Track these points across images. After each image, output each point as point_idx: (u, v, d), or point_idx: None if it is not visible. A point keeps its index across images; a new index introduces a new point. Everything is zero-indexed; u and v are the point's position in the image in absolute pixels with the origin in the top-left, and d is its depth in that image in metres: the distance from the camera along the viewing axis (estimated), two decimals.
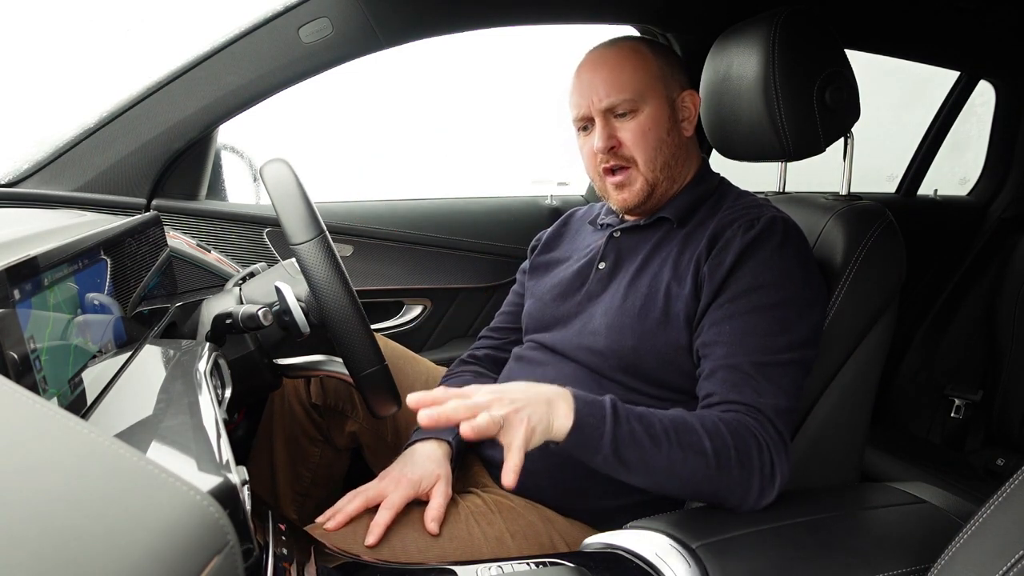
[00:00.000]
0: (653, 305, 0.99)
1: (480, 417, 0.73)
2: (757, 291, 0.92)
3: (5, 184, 1.26)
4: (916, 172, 2.25)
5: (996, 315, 2.08)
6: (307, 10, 1.30)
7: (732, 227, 0.97)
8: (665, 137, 1.03)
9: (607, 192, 1.08)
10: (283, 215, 0.89)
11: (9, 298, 0.51)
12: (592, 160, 1.06)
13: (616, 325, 1.01)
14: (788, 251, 0.95)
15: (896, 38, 1.85)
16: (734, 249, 0.94)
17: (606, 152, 1.02)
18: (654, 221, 1.08)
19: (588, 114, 1.03)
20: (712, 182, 1.10)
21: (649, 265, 1.04)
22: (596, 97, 1.01)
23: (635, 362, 0.99)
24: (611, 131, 1.02)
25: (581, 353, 1.05)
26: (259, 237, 1.47)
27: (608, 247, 1.10)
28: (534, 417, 0.77)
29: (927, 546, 0.78)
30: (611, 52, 1.04)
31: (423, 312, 1.64)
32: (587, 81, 1.03)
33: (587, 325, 1.05)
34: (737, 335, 0.91)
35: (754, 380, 0.88)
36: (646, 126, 1.02)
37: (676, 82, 1.06)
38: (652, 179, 1.04)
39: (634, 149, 1.02)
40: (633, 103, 1.01)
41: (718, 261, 0.95)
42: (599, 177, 1.07)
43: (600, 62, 1.03)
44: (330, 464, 1.27)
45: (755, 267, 0.93)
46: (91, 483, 0.33)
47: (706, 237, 0.99)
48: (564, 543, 1.00)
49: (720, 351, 0.91)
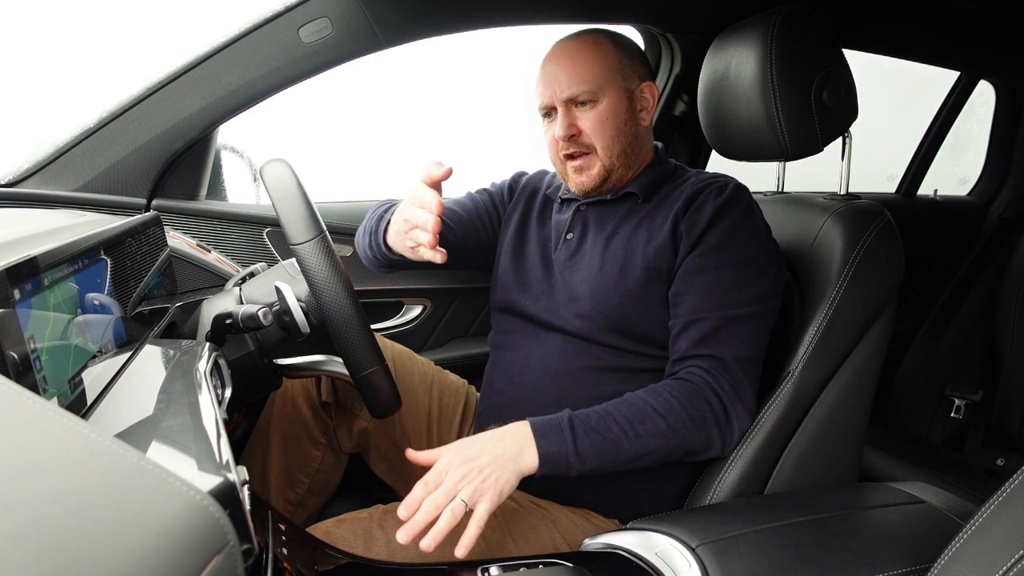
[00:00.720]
0: (632, 265, 1.06)
1: (442, 523, 0.80)
2: (726, 248, 1.02)
3: (5, 184, 1.26)
4: (916, 172, 2.25)
5: (996, 315, 2.08)
6: (307, 10, 1.30)
7: (705, 192, 1.06)
8: (623, 127, 1.09)
9: (567, 176, 1.14)
10: (283, 215, 0.89)
11: (9, 298, 0.51)
12: (554, 146, 1.12)
13: (599, 288, 1.08)
14: (752, 215, 1.05)
15: (896, 38, 1.85)
16: (708, 210, 1.03)
17: (567, 140, 1.09)
18: (620, 196, 1.14)
19: (551, 103, 1.09)
20: (669, 164, 1.18)
21: (619, 232, 1.11)
22: (559, 88, 1.07)
23: (621, 320, 1.06)
24: (572, 120, 1.08)
25: (568, 321, 1.10)
26: (259, 237, 1.47)
27: (575, 219, 1.17)
28: (501, 479, 0.85)
29: (927, 546, 0.78)
30: (574, 45, 1.10)
31: (423, 312, 1.64)
32: (551, 72, 1.09)
33: (571, 291, 1.11)
34: (704, 287, 1.01)
35: (719, 333, 0.99)
36: (604, 115, 1.08)
37: (635, 74, 1.12)
38: (609, 165, 1.10)
39: (593, 137, 1.08)
40: (592, 94, 1.07)
41: (694, 220, 1.04)
42: (560, 162, 1.14)
43: (563, 54, 1.09)
44: (329, 470, 1.25)
45: (725, 227, 1.02)
46: (91, 483, 0.33)
47: (681, 200, 1.07)
48: (565, 543, 1.00)
49: (689, 302, 1.02)
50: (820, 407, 1.06)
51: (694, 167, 1.26)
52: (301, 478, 1.22)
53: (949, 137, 2.23)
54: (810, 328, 1.05)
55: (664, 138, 1.80)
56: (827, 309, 1.04)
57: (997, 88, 2.24)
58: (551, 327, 1.12)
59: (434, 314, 1.65)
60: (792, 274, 1.12)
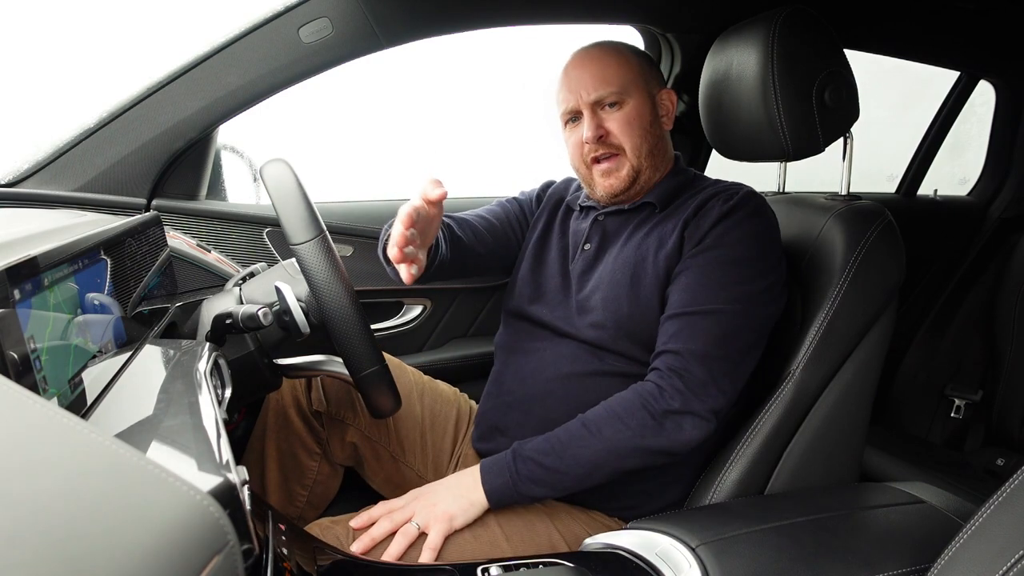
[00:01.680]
0: (643, 273, 1.06)
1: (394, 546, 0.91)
2: (719, 248, 1.02)
3: (5, 184, 1.26)
4: (916, 172, 2.25)
5: (996, 315, 2.08)
6: (307, 10, 1.30)
7: (715, 198, 1.07)
8: (648, 127, 1.11)
9: (593, 181, 1.14)
10: (283, 215, 0.89)
11: (9, 298, 0.51)
12: (579, 150, 1.12)
13: (612, 297, 1.07)
14: (757, 220, 1.04)
15: (896, 38, 1.85)
16: (713, 215, 1.04)
17: (595, 141, 1.09)
18: (638, 206, 1.14)
19: (576, 107, 1.10)
20: (688, 174, 1.18)
21: (631, 240, 1.11)
22: (584, 91, 1.09)
23: (633, 328, 1.05)
24: (599, 121, 1.09)
25: (582, 329, 1.10)
26: (259, 237, 1.47)
27: (593, 229, 1.17)
28: (453, 506, 0.95)
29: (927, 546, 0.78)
30: (596, 51, 1.12)
31: (423, 312, 1.64)
32: (575, 77, 1.10)
33: (584, 302, 1.11)
34: (688, 284, 1.01)
35: (688, 328, 0.98)
36: (631, 116, 1.09)
37: (655, 80, 1.14)
38: (637, 165, 1.11)
39: (621, 137, 1.09)
40: (619, 95, 1.08)
41: (698, 224, 1.05)
42: (585, 167, 1.13)
43: (587, 59, 1.11)
44: (326, 480, 1.22)
45: (726, 228, 1.02)
46: (91, 483, 0.33)
47: (692, 207, 1.07)
48: (564, 543, 1.00)
49: (676, 296, 1.02)
50: (821, 407, 1.06)
51: (694, 167, 1.27)
52: (300, 491, 1.19)
53: (949, 137, 2.23)
54: (811, 328, 1.05)
55: None
56: (828, 309, 1.04)
57: (997, 88, 2.23)
58: (565, 335, 1.12)
59: (434, 314, 1.65)
60: (793, 274, 1.12)
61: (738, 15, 1.21)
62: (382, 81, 2.12)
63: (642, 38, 1.73)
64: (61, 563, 0.28)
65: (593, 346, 1.08)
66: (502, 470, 0.98)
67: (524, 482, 0.97)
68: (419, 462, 1.21)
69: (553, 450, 0.97)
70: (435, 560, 0.90)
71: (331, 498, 1.25)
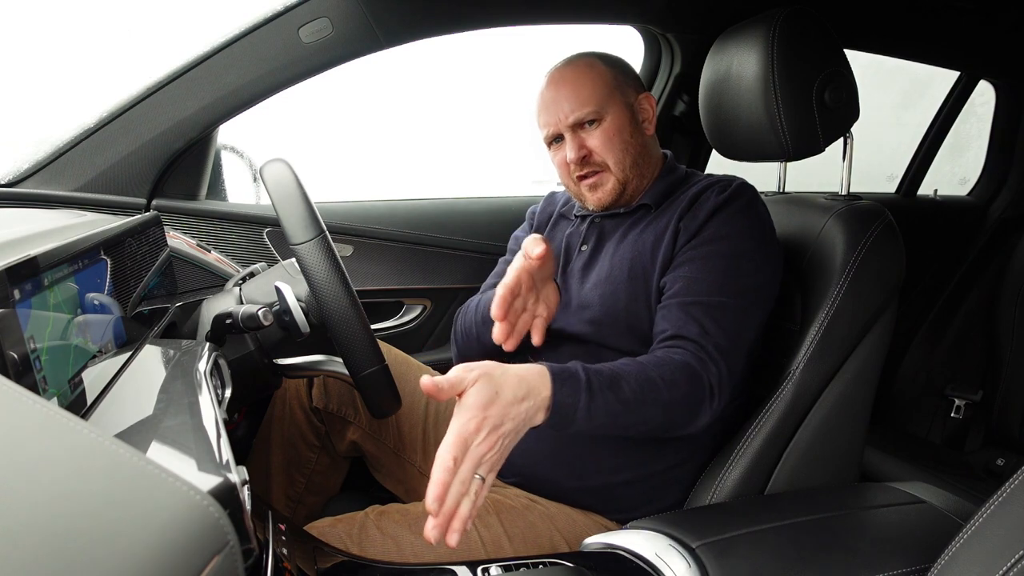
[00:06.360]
0: (640, 266, 1.07)
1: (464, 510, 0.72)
2: (720, 240, 1.02)
3: (5, 184, 1.26)
4: (916, 172, 2.25)
5: (996, 315, 2.08)
6: (307, 10, 1.30)
7: (708, 190, 1.07)
8: (629, 139, 1.11)
9: (582, 195, 1.15)
10: (283, 215, 0.89)
11: (9, 298, 0.51)
12: (565, 169, 1.13)
13: (608, 292, 1.08)
14: (753, 212, 1.05)
15: (896, 38, 1.85)
16: (708, 206, 1.04)
17: (579, 162, 1.09)
18: (633, 209, 1.14)
19: (557, 131, 1.11)
20: (680, 171, 1.18)
21: (628, 237, 1.11)
22: (562, 114, 1.09)
23: (631, 321, 1.06)
24: (580, 142, 1.09)
25: (579, 328, 1.09)
26: (259, 237, 1.47)
27: (590, 231, 1.17)
28: (511, 447, 0.78)
29: (927, 546, 0.78)
30: (568, 70, 1.11)
31: (423, 312, 1.64)
32: (551, 100, 1.10)
33: (581, 300, 1.11)
34: (694, 275, 1.01)
35: (704, 319, 0.97)
36: (611, 132, 1.09)
37: (631, 88, 1.13)
38: (623, 178, 1.11)
39: (604, 154, 1.09)
40: (597, 113, 1.08)
41: (693, 215, 1.05)
42: (574, 183, 1.14)
43: (560, 81, 1.10)
44: (326, 471, 1.27)
45: (723, 220, 1.03)
46: (91, 483, 0.33)
47: (686, 200, 1.08)
48: (564, 543, 1.00)
49: (677, 287, 1.01)
50: (821, 407, 1.06)
51: (694, 167, 1.26)
52: (298, 477, 1.24)
53: (949, 137, 2.23)
54: (811, 328, 1.05)
55: (664, 138, 1.80)
56: (828, 309, 1.04)
57: (997, 88, 2.24)
58: (563, 335, 1.12)
59: (434, 314, 1.65)
60: (793, 274, 1.12)
61: (738, 15, 1.21)
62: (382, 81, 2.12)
63: (642, 38, 1.73)
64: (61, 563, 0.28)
65: (590, 343, 1.08)
66: (574, 395, 0.84)
67: (592, 412, 0.85)
68: (420, 458, 1.21)
69: (628, 387, 0.88)
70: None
71: (333, 487, 1.29)
